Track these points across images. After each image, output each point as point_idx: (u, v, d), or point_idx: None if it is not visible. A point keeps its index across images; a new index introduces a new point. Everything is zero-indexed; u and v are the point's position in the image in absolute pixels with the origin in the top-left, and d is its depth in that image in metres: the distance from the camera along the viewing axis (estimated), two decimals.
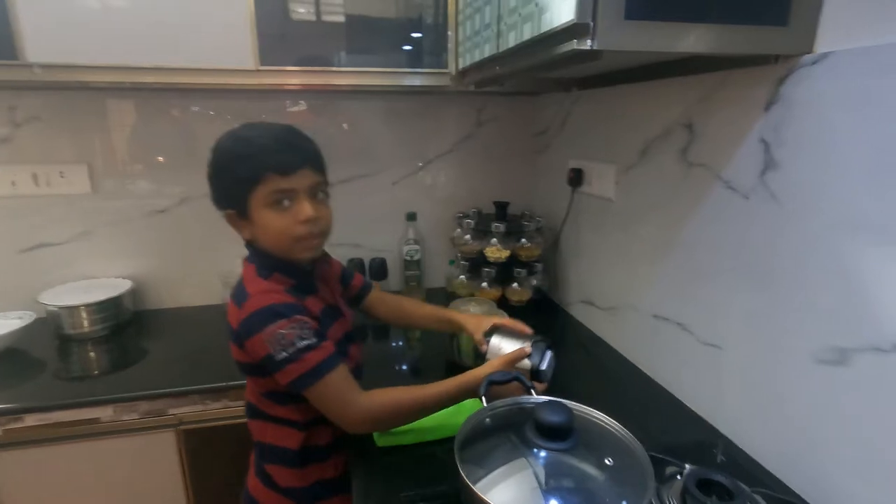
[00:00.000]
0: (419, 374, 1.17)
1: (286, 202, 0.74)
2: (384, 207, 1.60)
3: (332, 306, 0.87)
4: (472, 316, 1.02)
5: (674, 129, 0.98)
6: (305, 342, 0.71)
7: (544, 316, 1.46)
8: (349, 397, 0.74)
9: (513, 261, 1.42)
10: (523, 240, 1.42)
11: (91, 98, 1.35)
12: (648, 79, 1.04)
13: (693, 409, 0.97)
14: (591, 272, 1.34)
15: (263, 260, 0.78)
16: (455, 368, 1.00)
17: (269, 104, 1.46)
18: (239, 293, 0.77)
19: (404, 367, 1.20)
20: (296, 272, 0.80)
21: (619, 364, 1.17)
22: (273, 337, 0.70)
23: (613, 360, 1.19)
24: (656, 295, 1.07)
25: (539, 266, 1.49)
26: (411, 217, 1.53)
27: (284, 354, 0.70)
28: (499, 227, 1.39)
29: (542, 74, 0.99)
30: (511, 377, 0.76)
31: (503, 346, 0.90)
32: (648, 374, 1.10)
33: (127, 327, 1.38)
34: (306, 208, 0.75)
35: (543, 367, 0.86)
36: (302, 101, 1.48)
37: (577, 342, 1.30)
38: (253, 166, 0.73)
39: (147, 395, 1.06)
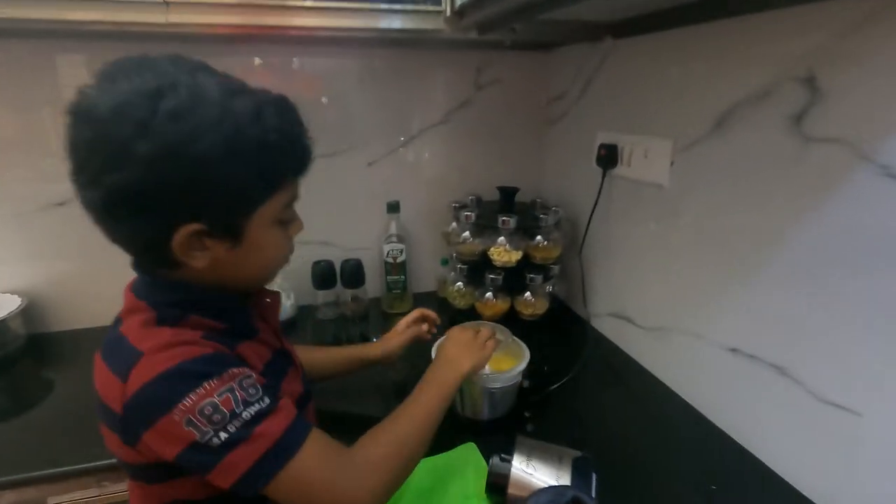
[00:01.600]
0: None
1: (292, 215, 0.59)
2: (358, 195, 1.26)
3: (281, 353, 0.63)
4: (386, 341, 0.88)
5: (779, 86, 0.67)
6: (254, 407, 0.48)
7: (563, 331, 1.16)
8: (340, 475, 0.52)
9: (525, 264, 1.11)
10: (538, 237, 1.10)
11: None
12: (732, 13, 0.72)
13: (807, 494, 0.68)
14: (629, 280, 1.04)
15: (175, 296, 0.53)
16: (457, 424, 0.76)
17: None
18: (119, 354, 0.49)
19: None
20: (228, 310, 0.56)
21: (670, 403, 0.88)
22: (196, 413, 0.46)
23: (660, 397, 0.90)
24: (737, 321, 0.77)
25: (556, 269, 1.18)
26: (393, 207, 1.20)
27: (223, 436, 0.46)
28: (507, 221, 1.07)
29: (570, 3, 0.67)
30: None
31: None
32: (721, 426, 0.81)
33: (17, 360, 1.04)
34: (300, 220, 0.61)
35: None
36: (257, 58, 1.12)
37: (608, 366, 1.01)
38: (276, 164, 0.52)
39: (15, 480, 0.73)
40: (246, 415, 0.47)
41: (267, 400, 0.49)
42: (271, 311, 0.65)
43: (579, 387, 0.92)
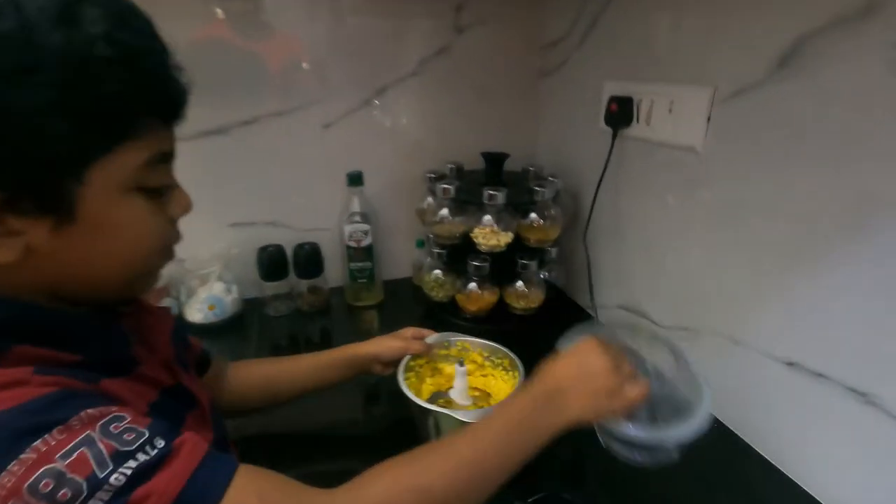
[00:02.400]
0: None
1: (162, 181, 0.40)
2: (313, 165, 1.04)
3: (174, 392, 0.45)
4: (383, 338, 0.71)
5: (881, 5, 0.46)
6: (133, 461, 0.32)
7: (564, 328, 0.97)
8: None
9: (516, 247, 0.91)
10: (532, 215, 0.90)
11: None
12: None
13: None
14: (644, 267, 0.85)
15: None
16: None
17: None
18: None
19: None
20: (75, 333, 0.39)
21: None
22: (26, 494, 0.29)
23: None
24: (798, 328, 0.59)
25: (553, 252, 0.98)
26: (355, 180, 0.98)
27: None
28: (494, 195, 0.86)
29: None
30: None
31: None
32: (771, 459, 0.64)
33: None
34: (184, 192, 0.43)
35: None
36: None
37: None
38: (116, 97, 0.34)
39: None
40: (117, 477, 0.31)
41: (157, 444, 0.34)
42: (157, 335, 0.47)
43: None
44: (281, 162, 1.01)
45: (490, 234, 0.87)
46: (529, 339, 0.95)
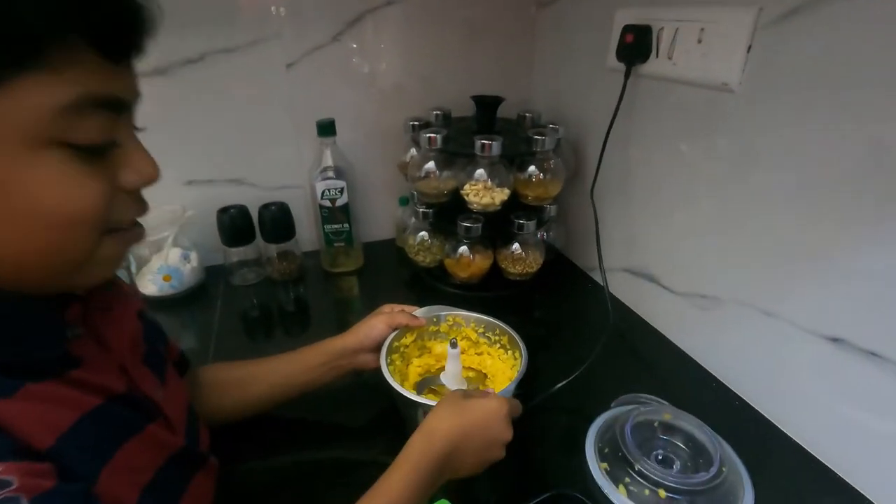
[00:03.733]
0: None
1: (102, 135, 0.30)
2: (276, 112, 0.90)
3: (125, 400, 0.36)
4: (360, 323, 0.61)
5: None
6: None
7: (565, 296, 0.89)
8: None
9: (512, 205, 0.80)
10: (531, 168, 0.79)
11: None
12: None
13: None
14: (656, 227, 0.75)
15: None
16: None
17: None
18: None
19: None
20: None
21: (729, 409, 0.63)
22: None
23: (716, 398, 0.65)
24: (844, 299, 0.50)
25: (553, 211, 0.88)
26: (326, 129, 0.85)
27: None
28: (488, 145, 0.74)
29: None
30: None
31: None
32: (819, 455, 0.57)
33: None
34: (145, 155, 0.34)
35: None
36: None
37: (629, 347, 0.75)
38: (25, 11, 0.25)
39: None
40: None
41: None
42: (115, 331, 0.39)
43: (591, 382, 0.66)
44: (237, 109, 0.87)
45: (483, 191, 0.76)
46: (527, 307, 0.87)
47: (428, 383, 0.63)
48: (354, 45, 0.89)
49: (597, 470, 0.52)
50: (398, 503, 0.41)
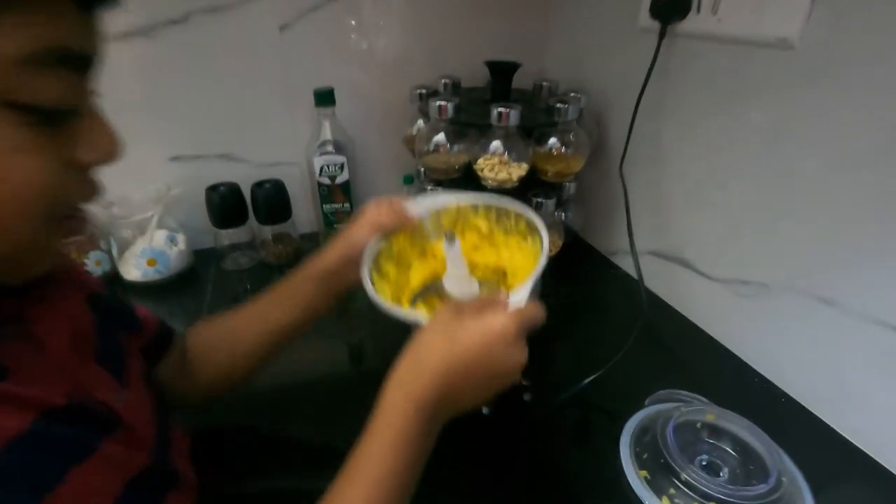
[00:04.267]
0: None
1: (63, 98, 0.25)
2: (269, 79, 0.81)
3: (65, 413, 0.28)
4: (345, 232, 0.50)
5: None
6: None
7: (587, 283, 0.82)
8: None
9: (529, 183, 0.73)
10: (552, 140, 0.71)
11: None
12: None
13: None
14: (690, 206, 0.68)
15: None
16: None
17: None
18: None
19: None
20: None
21: (788, 413, 0.57)
22: None
23: (770, 403, 0.58)
24: None
25: (572, 189, 0.81)
26: (325, 98, 0.77)
27: None
28: (505, 114, 0.66)
29: None
30: None
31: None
32: (880, 461, 0.51)
33: None
34: (107, 128, 0.29)
35: None
36: None
37: (657, 342, 0.68)
38: None
39: None
40: None
41: None
42: (50, 326, 0.32)
43: (620, 377, 0.59)
44: (226, 75, 0.79)
45: (499, 166, 0.69)
46: (544, 294, 0.80)
47: (432, 292, 0.50)
48: (354, 5, 0.80)
49: (636, 479, 0.46)
50: (386, 485, 0.32)
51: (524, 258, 0.50)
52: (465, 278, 0.47)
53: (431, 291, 0.51)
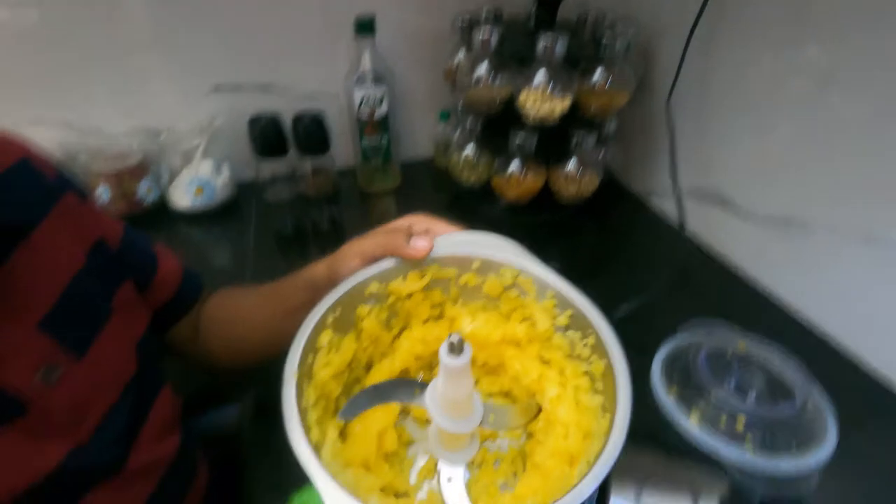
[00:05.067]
0: None
1: None
2: (310, 7, 0.80)
3: None
4: (352, 243, 0.38)
5: None
6: None
7: (618, 218, 0.82)
8: None
9: (569, 118, 0.72)
10: (598, 72, 0.70)
11: None
12: None
13: None
14: (737, 142, 0.67)
15: None
16: None
17: None
18: None
19: None
20: None
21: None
22: None
23: (791, 330, 0.60)
24: None
25: (612, 126, 0.80)
26: (366, 26, 0.76)
27: None
28: (551, 46, 0.65)
29: None
30: None
31: None
32: None
33: None
34: None
35: None
36: None
37: (697, 290, 0.69)
38: None
39: None
40: None
41: None
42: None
43: (654, 315, 0.61)
44: (267, 2, 0.78)
45: (541, 100, 0.68)
46: (578, 233, 0.81)
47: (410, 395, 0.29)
48: None
49: (665, 397, 0.49)
50: None
51: (580, 410, 0.30)
52: (462, 404, 0.27)
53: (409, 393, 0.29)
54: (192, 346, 0.46)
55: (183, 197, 0.80)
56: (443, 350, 0.25)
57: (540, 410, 0.28)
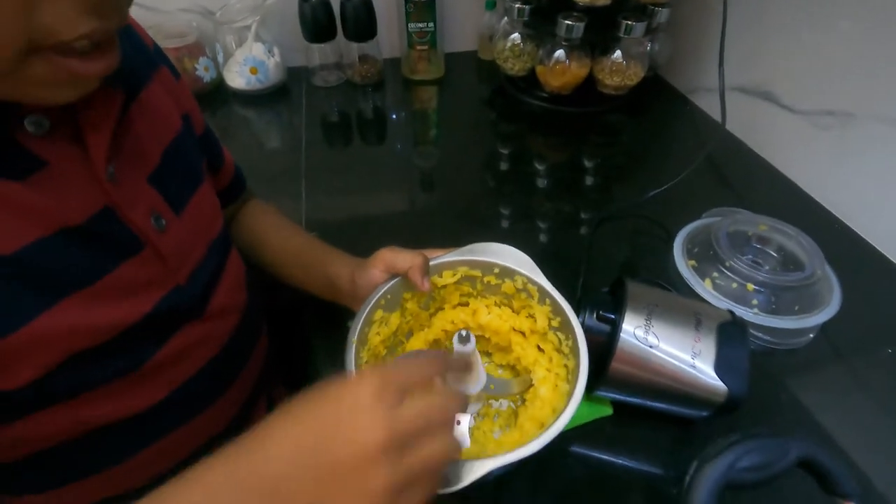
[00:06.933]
0: None
1: None
2: None
3: (80, 233, 0.28)
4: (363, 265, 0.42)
5: None
6: None
7: (659, 112, 0.83)
8: None
9: (619, 6, 0.71)
10: None
11: None
12: None
13: None
14: (786, 37, 0.65)
15: None
16: None
17: None
18: None
19: None
20: None
21: (832, 233, 0.61)
22: None
23: (818, 222, 0.63)
24: None
25: (664, 16, 0.78)
26: None
27: None
28: None
29: None
30: None
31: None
32: None
33: None
34: None
35: None
36: None
37: (728, 168, 0.71)
38: None
39: None
40: None
41: None
42: (98, 124, 0.29)
43: (684, 202, 0.64)
44: None
45: None
46: (618, 127, 0.82)
47: None
48: None
49: (684, 267, 0.54)
50: None
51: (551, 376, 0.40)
52: (470, 375, 0.36)
53: None
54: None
55: (237, 77, 0.84)
56: (455, 339, 0.34)
57: (532, 385, 0.39)
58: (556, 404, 0.36)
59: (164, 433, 0.36)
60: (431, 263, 0.40)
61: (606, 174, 0.72)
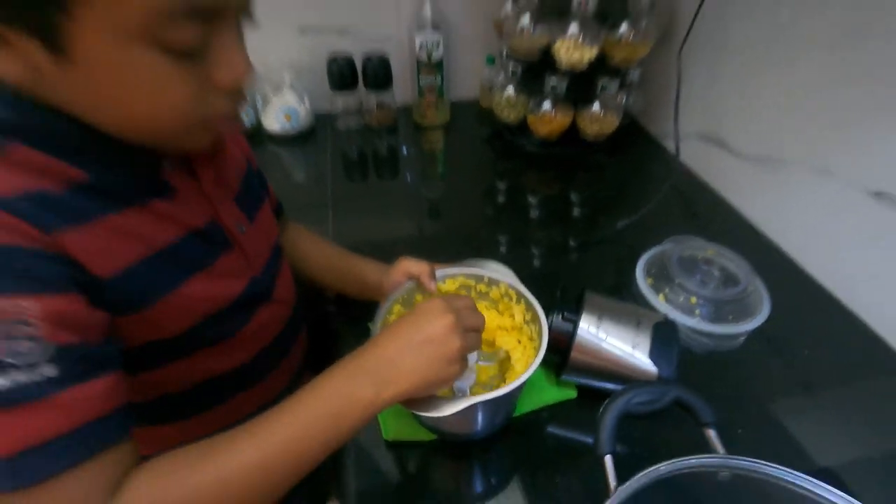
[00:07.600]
0: None
1: (193, 41, 0.31)
2: None
3: (202, 233, 0.42)
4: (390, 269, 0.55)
5: None
6: (5, 379, 0.28)
7: (633, 159, 0.96)
8: None
9: (596, 66, 0.85)
10: (623, 27, 0.82)
11: None
12: None
13: None
14: (738, 93, 0.79)
15: None
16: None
17: None
18: None
19: None
20: (92, 150, 0.34)
21: (778, 267, 0.73)
22: None
23: (766, 258, 0.75)
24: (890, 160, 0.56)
25: (636, 75, 0.92)
26: None
27: None
28: (584, 1, 0.77)
29: None
30: None
31: None
32: (857, 312, 0.67)
33: None
34: (239, 56, 0.34)
35: None
36: None
37: (688, 211, 0.84)
38: None
39: None
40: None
41: (45, 373, 0.29)
42: (208, 166, 0.43)
43: (648, 231, 0.77)
44: None
45: (573, 48, 0.81)
46: (598, 166, 0.95)
47: None
48: None
49: (644, 284, 0.66)
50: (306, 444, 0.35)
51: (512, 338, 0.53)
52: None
53: None
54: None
55: (274, 122, 0.99)
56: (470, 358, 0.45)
57: (510, 358, 0.52)
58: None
59: (250, 386, 0.50)
60: (437, 273, 0.52)
61: (589, 206, 0.85)
